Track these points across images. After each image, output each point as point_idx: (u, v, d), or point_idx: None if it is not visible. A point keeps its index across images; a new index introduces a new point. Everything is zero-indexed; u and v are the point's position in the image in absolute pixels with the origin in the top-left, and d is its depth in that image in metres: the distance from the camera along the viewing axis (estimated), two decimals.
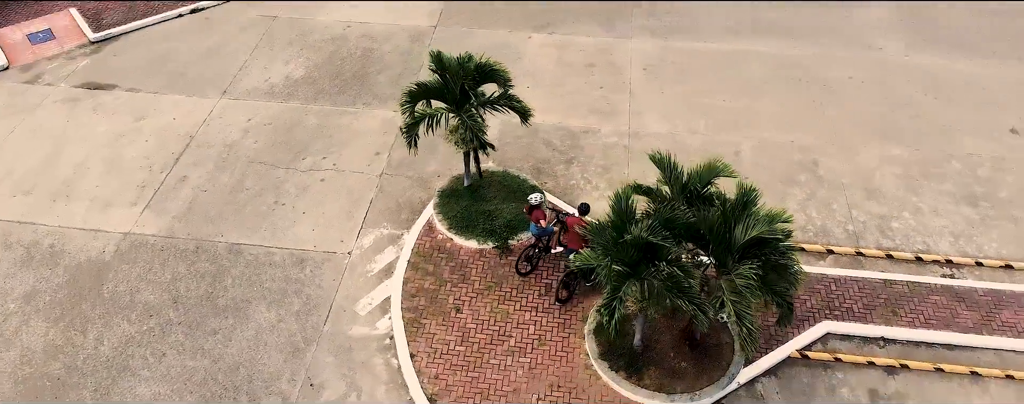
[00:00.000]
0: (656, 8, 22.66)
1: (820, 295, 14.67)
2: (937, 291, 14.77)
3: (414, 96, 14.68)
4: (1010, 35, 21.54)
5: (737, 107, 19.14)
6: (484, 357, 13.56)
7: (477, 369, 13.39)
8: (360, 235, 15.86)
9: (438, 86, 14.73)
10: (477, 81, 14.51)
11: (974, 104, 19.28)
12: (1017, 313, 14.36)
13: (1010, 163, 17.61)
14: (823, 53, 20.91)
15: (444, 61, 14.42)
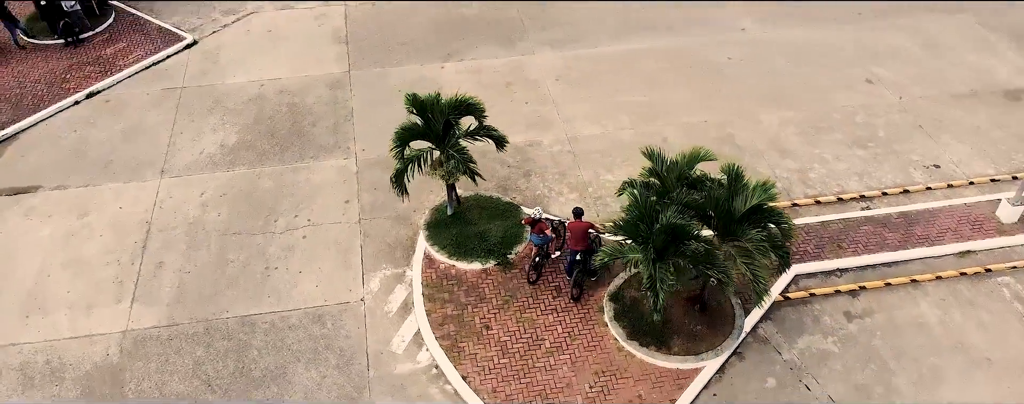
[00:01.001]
0: (544, 23, 24.61)
1: None
2: (863, 222, 17.76)
3: (404, 139, 15.57)
4: (842, 4, 25.50)
5: (649, 100, 21.47)
6: (528, 363, 14.77)
7: (527, 375, 14.58)
8: (365, 281, 16.46)
9: (421, 127, 15.73)
10: (458, 116, 15.64)
11: (831, 64, 22.84)
12: (925, 227, 17.61)
13: (876, 108, 21.19)
14: (701, 41, 23.78)
15: (425, 102, 15.45)
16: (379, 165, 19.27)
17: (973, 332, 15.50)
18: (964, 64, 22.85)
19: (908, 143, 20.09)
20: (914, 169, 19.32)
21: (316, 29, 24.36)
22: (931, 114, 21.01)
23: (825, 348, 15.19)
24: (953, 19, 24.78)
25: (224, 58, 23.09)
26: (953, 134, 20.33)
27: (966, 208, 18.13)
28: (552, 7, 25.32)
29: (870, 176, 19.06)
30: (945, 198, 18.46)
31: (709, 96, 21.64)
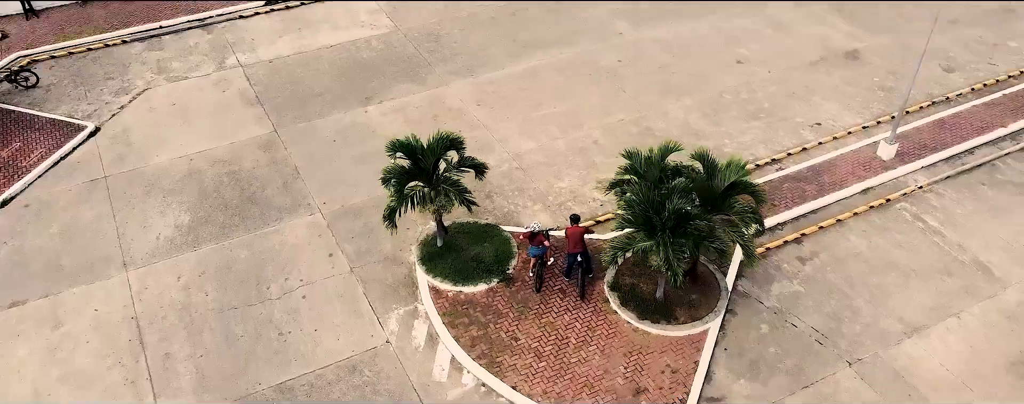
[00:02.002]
0: (443, 56, 25.94)
1: None
2: (783, 181, 20.78)
3: (401, 180, 16.46)
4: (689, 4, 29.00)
5: (567, 109, 23.48)
6: (564, 361, 16.19)
7: (567, 372, 15.99)
8: (383, 323, 17.10)
9: (412, 167, 16.71)
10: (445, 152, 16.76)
11: (704, 53, 26.05)
12: (831, 175, 20.93)
13: (753, 84, 24.55)
14: (588, 50, 26.17)
15: (411, 145, 16.46)
16: (347, 215, 19.82)
17: (894, 251, 18.84)
18: (807, 36, 26.89)
19: (789, 109, 23.53)
20: (803, 130, 22.74)
21: (221, 95, 24.15)
22: (797, 82, 24.67)
23: (794, 290, 17.86)
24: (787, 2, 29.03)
25: (137, 139, 22.40)
26: (820, 95, 24.06)
27: (854, 154, 21.70)
28: (445, 40, 26.71)
29: (772, 142, 22.23)
30: (835, 149, 21.96)
31: (615, 97, 24.01)
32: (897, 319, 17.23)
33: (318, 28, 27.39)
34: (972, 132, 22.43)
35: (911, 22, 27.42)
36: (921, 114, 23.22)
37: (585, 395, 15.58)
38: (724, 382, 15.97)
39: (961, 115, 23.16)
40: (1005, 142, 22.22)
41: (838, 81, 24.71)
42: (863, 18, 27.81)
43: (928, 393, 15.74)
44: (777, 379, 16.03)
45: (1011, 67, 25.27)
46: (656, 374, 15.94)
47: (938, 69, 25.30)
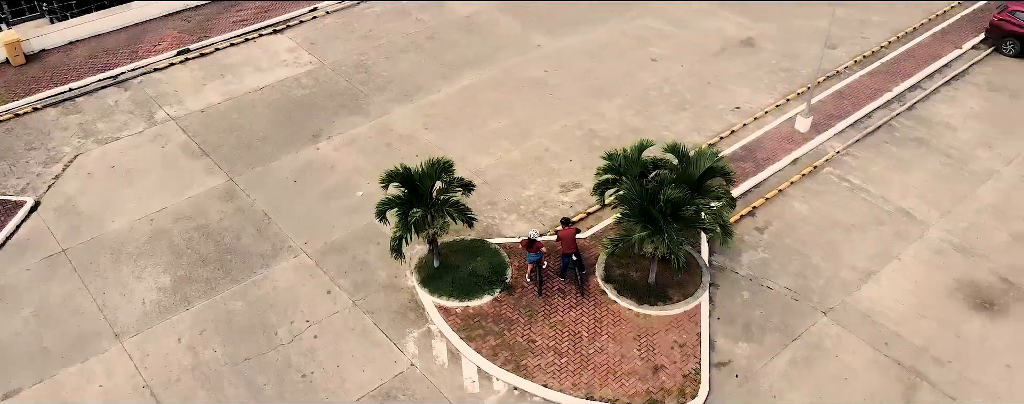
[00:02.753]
0: (376, 85, 26.46)
1: None
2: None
3: (405, 208, 17.09)
4: (603, 9, 30.81)
5: (512, 121, 24.68)
6: (582, 354, 17.36)
7: (589, 363, 17.17)
8: (401, 349, 17.64)
9: (406, 195, 17.39)
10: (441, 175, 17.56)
11: (620, 55, 28.00)
12: (763, 152, 23.25)
13: (672, 79, 26.72)
14: (513, 63, 27.49)
15: (411, 173, 17.19)
16: (332, 251, 20.11)
17: (833, 210, 21.33)
18: (705, 30, 29.45)
19: (709, 97, 25.84)
20: (726, 115, 25.07)
21: (162, 151, 23.60)
22: (709, 72, 27.07)
23: (760, 257, 19.90)
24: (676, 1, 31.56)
25: (85, 207, 21.57)
26: (731, 82, 26.55)
27: (776, 130, 24.21)
28: (373, 70, 27.23)
29: (703, 129, 24.39)
30: (758, 128, 24.40)
31: (553, 105, 25.47)
32: (851, 269, 19.62)
33: (241, 72, 27.17)
34: (866, 99, 25.54)
35: (788, 8, 30.61)
36: (820, 88, 26.15)
37: (610, 380, 16.83)
38: (726, 347, 17.69)
39: (853, 85, 26.29)
40: (894, 104, 25.46)
41: (742, 67, 27.32)
42: (747, 9, 30.74)
43: (895, 327, 18.11)
44: (769, 337, 17.94)
45: (881, 39, 28.84)
46: (667, 350, 17.43)
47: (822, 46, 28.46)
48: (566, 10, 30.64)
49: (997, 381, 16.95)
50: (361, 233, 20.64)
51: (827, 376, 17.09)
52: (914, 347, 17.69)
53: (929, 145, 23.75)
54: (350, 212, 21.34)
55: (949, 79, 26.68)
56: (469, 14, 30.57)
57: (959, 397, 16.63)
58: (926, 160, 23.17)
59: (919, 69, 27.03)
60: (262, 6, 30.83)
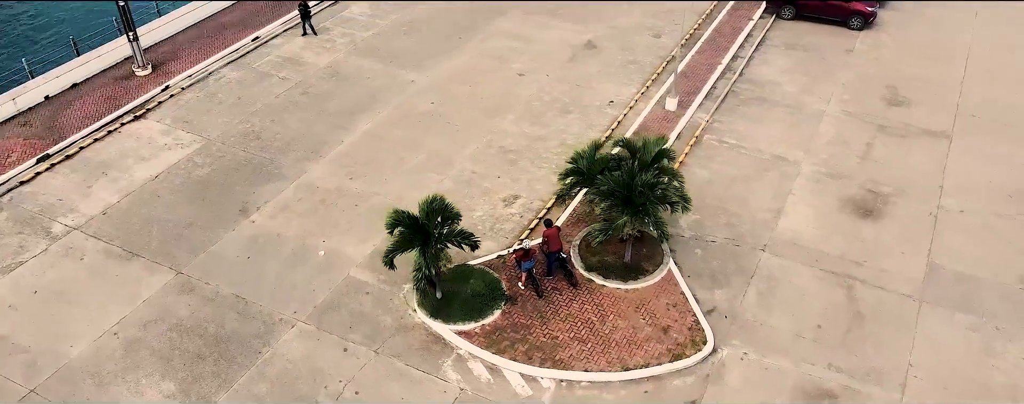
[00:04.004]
0: (280, 147, 26.41)
1: None
2: None
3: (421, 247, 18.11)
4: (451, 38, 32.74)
5: (427, 155, 26.00)
6: (601, 336, 19.47)
7: (611, 343, 19.32)
8: (444, 378, 18.60)
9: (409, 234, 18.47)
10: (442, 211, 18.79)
11: (491, 74, 30.28)
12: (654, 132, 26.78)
13: (545, 88, 29.52)
14: (401, 100, 28.72)
15: (416, 215, 18.23)
16: (327, 311, 20.38)
17: (727, 168, 25.23)
18: (549, 41, 32.63)
19: (584, 98, 28.98)
20: (605, 109, 28.35)
21: (82, 263, 21.96)
22: (572, 76, 30.25)
23: (694, 219, 23.18)
24: (515, 16, 34.34)
25: (29, 341, 19.61)
26: (595, 81, 29.93)
27: (652, 113, 27.89)
28: (265, 134, 27.07)
29: (595, 125, 27.46)
30: (636, 115, 27.94)
31: (456, 132, 27.15)
32: (764, 210, 23.61)
33: (124, 165, 25.73)
34: (705, 73, 30.12)
35: (607, 10, 34.80)
36: (667, 72, 30.34)
37: (635, 350, 19.15)
38: (706, 297, 20.74)
39: (690, 64, 30.81)
40: (728, 74, 30.31)
41: (597, 67, 30.86)
42: (574, 17, 34.45)
43: (816, 246, 22.26)
44: (733, 279, 21.28)
45: (691, 23, 33.87)
46: (665, 313, 20.10)
47: (650, 37, 32.93)
48: (418, 45, 32.32)
49: (902, 267, 21.61)
50: (344, 288, 21.06)
51: (789, 298, 20.74)
52: (835, 257, 21.94)
53: (769, 101, 28.76)
54: (321, 272, 21.60)
55: (756, 46, 32.21)
56: (328, 64, 31.19)
57: (884, 285, 21.04)
58: (772, 113, 28.09)
59: (731, 41, 32.28)
60: (107, 95, 29.14)
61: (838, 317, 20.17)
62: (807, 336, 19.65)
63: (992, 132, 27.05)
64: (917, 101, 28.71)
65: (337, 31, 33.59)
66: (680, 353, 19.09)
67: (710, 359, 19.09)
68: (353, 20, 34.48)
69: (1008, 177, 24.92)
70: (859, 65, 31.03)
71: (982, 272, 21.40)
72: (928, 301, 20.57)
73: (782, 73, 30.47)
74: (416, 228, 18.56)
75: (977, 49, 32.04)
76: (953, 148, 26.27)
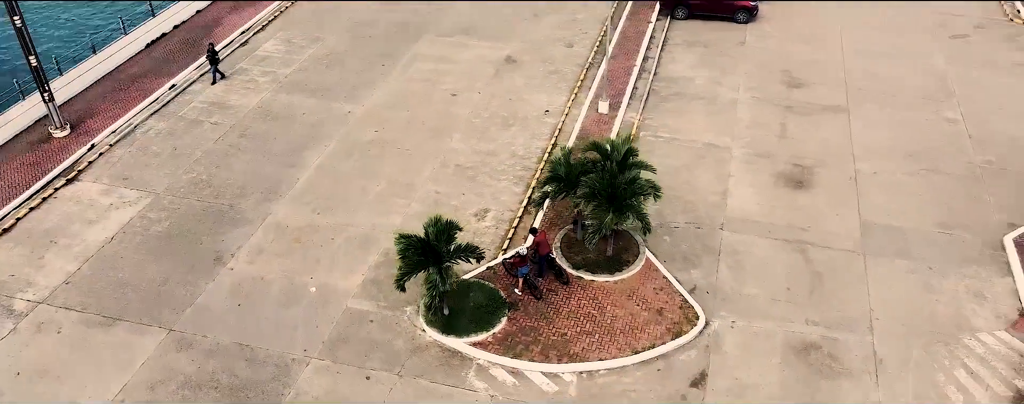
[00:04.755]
0: (232, 193, 26.11)
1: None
2: None
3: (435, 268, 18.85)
4: (374, 67, 33.24)
5: (388, 182, 26.52)
6: (605, 327, 20.87)
7: (614, 330, 20.73)
8: (471, 388, 19.38)
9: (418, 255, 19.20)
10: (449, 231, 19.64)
11: (426, 100, 31.11)
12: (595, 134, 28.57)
13: (481, 105, 30.71)
14: (345, 133, 29.03)
15: (426, 235, 18.98)
16: (338, 345, 20.63)
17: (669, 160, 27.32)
18: (470, 60, 33.85)
19: (520, 110, 30.42)
20: (543, 119, 29.90)
21: (62, 336, 20.91)
22: (502, 91, 31.62)
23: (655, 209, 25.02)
24: (430, 40, 35.27)
25: None
26: (525, 93, 31.44)
27: (588, 118, 29.70)
28: (215, 181, 26.63)
29: (539, 135, 28.94)
30: (574, 121, 29.68)
31: (408, 156, 27.80)
32: (712, 193, 25.88)
33: (72, 231, 24.62)
34: (616, 77, 32.36)
35: (517, 25, 36.49)
36: (589, 77, 32.31)
37: (639, 334, 20.70)
38: (685, 278, 22.62)
39: (608, 70, 32.94)
40: (644, 74, 32.67)
41: (523, 80, 32.40)
42: (486, 35, 35.87)
43: (765, 220, 24.72)
44: (704, 259, 23.31)
45: (596, 30, 36.10)
46: (655, 297, 21.80)
47: (563, 47, 34.87)
48: (344, 77, 32.68)
49: (840, 227, 24.42)
50: (347, 320, 21.35)
51: (755, 268, 22.99)
52: (784, 227, 24.48)
53: (687, 95, 31.33)
54: (318, 308, 21.77)
55: (661, 46, 34.87)
56: (257, 104, 30.98)
57: (830, 245, 23.73)
58: (693, 106, 30.64)
59: (638, 44, 34.76)
60: (29, 162, 27.64)
61: (801, 278, 22.61)
62: (780, 298, 21.94)
63: (879, 102, 30.82)
64: (811, 82, 32.18)
65: (256, 70, 33.33)
66: (679, 330, 20.82)
67: (705, 331, 20.94)
68: (269, 58, 34.30)
69: (903, 139, 28.56)
70: (754, 55, 34.30)
71: (905, 223, 24.57)
72: (870, 253, 23.42)
73: (691, 68, 33.21)
74: (426, 249, 19.27)
75: (848, 32, 36.18)
76: (852, 119, 29.76)
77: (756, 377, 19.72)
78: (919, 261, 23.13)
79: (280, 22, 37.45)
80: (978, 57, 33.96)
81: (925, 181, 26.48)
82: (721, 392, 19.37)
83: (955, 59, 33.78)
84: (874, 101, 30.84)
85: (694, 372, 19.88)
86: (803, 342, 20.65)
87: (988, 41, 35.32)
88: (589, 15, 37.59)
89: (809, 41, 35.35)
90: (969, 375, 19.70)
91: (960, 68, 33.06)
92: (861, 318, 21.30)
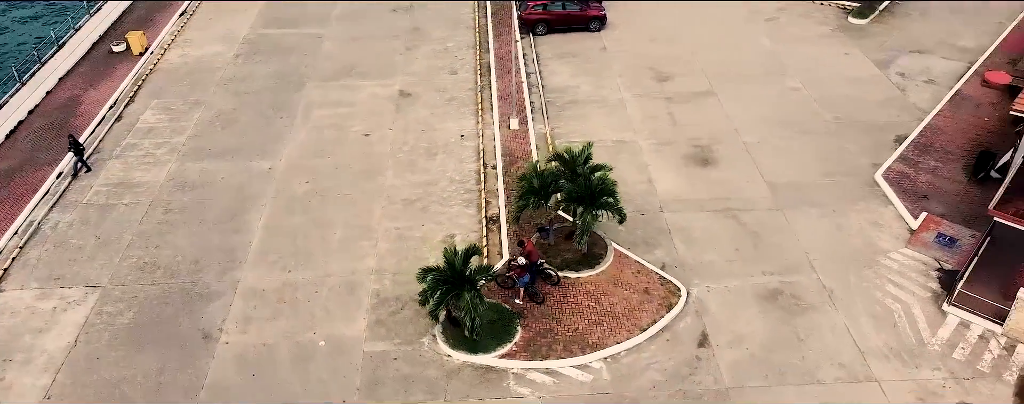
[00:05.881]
0: (187, 269, 25.19)
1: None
2: None
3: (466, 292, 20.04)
4: (274, 122, 32.86)
5: (345, 228, 26.87)
6: (608, 314, 23.05)
7: (616, 315, 22.98)
8: (515, 395, 20.72)
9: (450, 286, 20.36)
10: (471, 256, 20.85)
11: (345, 144, 31.49)
12: (516, 153, 30.64)
13: (399, 139, 31.66)
14: (277, 190, 28.81)
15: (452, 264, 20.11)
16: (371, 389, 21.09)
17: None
18: (365, 100, 34.55)
19: (437, 138, 31.77)
20: (464, 143, 31.50)
21: None
22: (412, 123, 32.74)
23: None
24: (316, 87, 35.44)
25: None
26: (435, 122, 32.84)
27: (504, 136, 31.70)
28: (162, 262, 25.49)
29: (465, 159, 30.49)
30: (493, 140, 31.56)
31: (352, 201, 28.18)
32: (641, 182, 28.96)
33: (24, 345, 22.54)
34: (513, 93, 34.78)
35: (394, 63, 37.70)
36: (485, 98, 34.36)
37: (638, 314, 23.12)
38: (653, 258, 25.39)
39: (499, 89, 35.20)
40: (533, 86, 35.29)
41: (425, 110, 33.76)
42: (368, 73, 36.74)
43: (692, 197, 28.16)
44: (660, 239, 26.25)
45: (468, 55, 38.19)
46: (636, 279, 24.35)
47: (448, 74, 36.60)
48: (245, 134, 32.17)
49: (754, 192, 28.43)
50: (371, 364, 21.80)
51: (704, 238, 26.29)
52: (710, 200, 28.06)
53: (580, 101, 34.35)
54: (336, 359, 21.99)
55: (537, 62, 37.71)
56: (168, 177, 29.72)
57: (754, 207, 27.63)
58: (588, 110, 33.72)
59: (515, 63, 37.34)
60: None
61: (742, 239, 26.23)
62: (734, 259, 25.38)
63: (736, 82, 35.72)
64: (676, 74, 36.50)
65: (147, 143, 31.80)
66: (669, 303, 23.52)
67: (690, 299, 23.81)
68: (156, 129, 32.81)
69: (767, 110, 33.46)
70: (619, 59, 38.13)
71: (799, 178, 29.13)
72: (785, 208, 27.61)
73: (572, 77, 36.35)
74: (454, 277, 20.37)
75: (685, 28, 41.11)
76: (722, 100, 34.32)
77: (746, 327, 22.89)
78: (823, 206, 27.66)
79: (147, 90, 35.77)
80: (791, 34, 40.22)
81: (798, 142, 31.39)
82: (725, 346, 22.30)
83: (776, 38, 39.77)
84: (731, 82, 35.69)
85: (696, 335, 22.66)
86: (768, 290, 24.16)
87: (793, 20, 41.86)
88: (457, 42, 39.63)
89: (658, 40, 39.83)
90: (896, 287, 24.20)
91: (782, 45, 39.01)
92: (802, 261, 25.25)
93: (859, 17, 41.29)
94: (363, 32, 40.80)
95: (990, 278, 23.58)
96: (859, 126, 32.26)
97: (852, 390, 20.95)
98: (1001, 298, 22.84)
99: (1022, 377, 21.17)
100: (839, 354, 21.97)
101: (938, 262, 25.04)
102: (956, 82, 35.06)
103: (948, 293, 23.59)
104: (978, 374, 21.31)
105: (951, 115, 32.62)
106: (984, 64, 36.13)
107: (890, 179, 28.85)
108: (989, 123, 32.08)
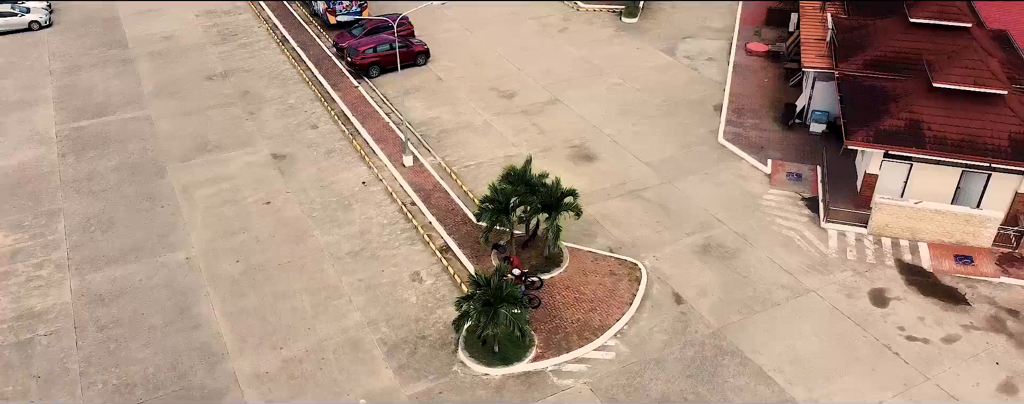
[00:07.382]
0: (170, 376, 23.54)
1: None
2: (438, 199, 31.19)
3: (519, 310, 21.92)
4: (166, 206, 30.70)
5: (308, 295, 26.74)
6: (595, 299, 26.04)
7: (599, 298, 26.06)
8: (561, 387, 22.96)
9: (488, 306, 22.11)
10: None
11: (244, 215, 30.62)
12: (433, 192, 32.23)
13: (302, 199, 31.58)
14: (207, 277, 27.50)
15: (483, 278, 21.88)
16: None
17: None
18: (243, 170, 33.62)
19: (339, 189, 32.22)
20: (369, 189, 32.31)
21: None
22: (305, 185, 32.72)
23: None
24: (181, 168, 33.57)
25: None
26: (330, 174, 33.15)
27: (403, 174, 33.05)
28: (139, 380, 23.45)
29: (380, 202, 31.40)
30: (394, 181, 32.75)
31: (299, 266, 27.92)
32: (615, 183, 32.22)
33: None
34: (391, 133, 36.11)
35: (245, 129, 36.89)
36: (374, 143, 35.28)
37: (618, 292, 26.43)
38: (600, 244, 28.85)
39: (374, 132, 36.24)
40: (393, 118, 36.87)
41: (316, 167, 33.82)
42: (226, 144, 35.60)
43: (599, 188, 32.07)
44: (594, 229, 29.77)
45: (322, 112, 38.57)
46: (598, 266, 27.66)
47: (310, 129, 36.71)
48: (132, 232, 29.93)
49: (634, 174, 33.08)
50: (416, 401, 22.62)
51: (629, 219, 30.33)
52: (612, 186, 32.19)
53: (451, 129, 36.63)
54: None
55: (390, 101, 39.18)
56: (74, 294, 26.87)
57: (647, 185, 32.25)
58: (465, 135, 36.14)
59: (370, 107, 38.52)
60: None
61: (656, 212, 30.74)
62: (660, 229, 29.78)
63: (571, 88, 40.32)
64: (517, 91, 40.20)
65: (21, 268, 28.22)
66: (636, 277, 27.20)
67: (647, 270, 27.65)
68: (21, 250, 29.11)
69: (608, 106, 38.45)
70: (458, 85, 40.89)
71: (666, 154, 34.37)
72: (672, 180, 32.62)
73: (429, 109, 38.42)
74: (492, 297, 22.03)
75: (498, 49, 44.88)
76: (569, 105, 38.69)
77: (702, 279, 27.30)
78: (697, 172, 33.16)
79: None
80: (586, 39, 46.04)
81: (646, 126, 36.80)
82: (696, 298, 26.50)
83: (577, 44, 45.26)
84: (566, 88, 40.28)
85: (670, 295, 26.58)
86: (699, 246, 28.86)
87: (580, 27, 47.78)
88: (298, 98, 39.67)
89: (483, 64, 43.24)
90: (783, 219, 30.25)
91: (586, 50, 44.60)
92: (708, 217, 30.36)
93: (630, 17, 48.44)
94: (192, 106, 39.07)
95: (839, 197, 30.56)
96: (683, 103, 38.59)
97: (801, 302, 26.25)
98: (854, 208, 29.79)
99: (898, 260, 28.05)
100: (777, 279, 27.24)
101: (799, 194, 31.65)
102: (728, 56, 43.16)
103: (820, 214, 30.11)
104: (870, 267, 27.80)
105: (741, 81, 40.32)
106: (738, 39, 44.81)
107: (730, 139, 35.29)
108: (769, 82, 40.26)
